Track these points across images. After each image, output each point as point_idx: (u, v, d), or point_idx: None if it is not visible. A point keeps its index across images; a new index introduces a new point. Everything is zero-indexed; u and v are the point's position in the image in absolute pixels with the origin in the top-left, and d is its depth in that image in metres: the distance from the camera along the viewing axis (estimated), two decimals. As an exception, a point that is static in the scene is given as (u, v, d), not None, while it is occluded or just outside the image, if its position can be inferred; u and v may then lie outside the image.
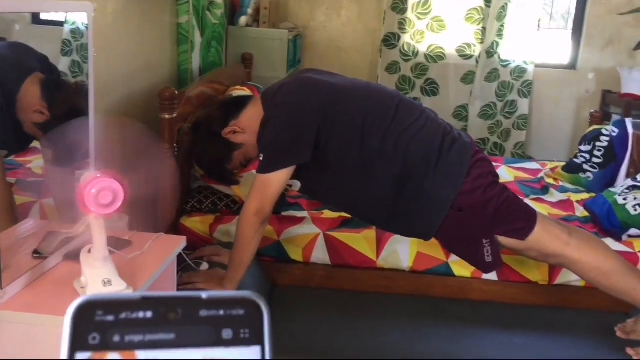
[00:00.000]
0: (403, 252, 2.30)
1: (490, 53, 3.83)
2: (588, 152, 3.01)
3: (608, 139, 2.97)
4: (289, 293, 2.32)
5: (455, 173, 1.89)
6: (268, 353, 0.31)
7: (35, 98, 1.55)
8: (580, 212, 2.63)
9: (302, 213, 2.46)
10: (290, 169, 1.87)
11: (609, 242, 2.27)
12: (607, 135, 2.99)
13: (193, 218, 2.37)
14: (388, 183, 1.90)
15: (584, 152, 3.03)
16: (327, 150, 1.89)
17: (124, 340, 0.30)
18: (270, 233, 2.30)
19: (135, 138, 1.49)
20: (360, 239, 2.32)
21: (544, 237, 1.92)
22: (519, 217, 1.94)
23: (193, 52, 2.86)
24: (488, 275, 2.24)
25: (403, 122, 1.91)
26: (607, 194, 2.56)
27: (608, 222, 2.42)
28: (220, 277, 1.96)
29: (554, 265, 2.19)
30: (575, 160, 3.07)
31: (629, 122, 3.02)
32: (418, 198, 1.90)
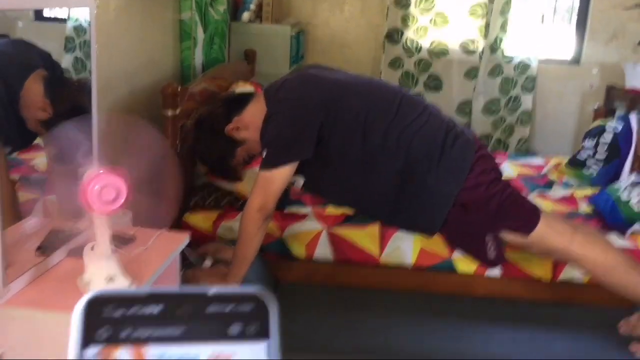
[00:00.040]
0: (406, 248, 2.30)
1: (494, 48, 3.81)
2: (592, 147, 3.00)
3: (612, 135, 2.96)
4: (292, 290, 2.32)
5: (458, 169, 1.89)
6: (275, 348, 0.31)
7: (38, 95, 1.55)
8: (584, 207, 2.63)
9: (305, 209, 2.46)
10: (293, 165, 1.87)
11: (614, 237, 2.26)
12: (611, 131, 2.97)
13: (196, 215, 2.37)
14: (390, 179, 1.90)
15: (588, 147, 3.02)
16: (329, 146, 1.89)
17: (133, 335, 0.30)
18: (273, 229, 2.30)
19: (138, 135, 1.49)
20: (364, 235, 2.31)
21: (548, 233, 1.92)
22: (523, 213, 1.94)
23: (196, 48, 2.86)
24: (491, 272, 2.23)
25: (405, 118, 1.90)
26: (610, 190, 2.55)
27: (612, 218, 2.41)
28: (223, 273, 1.96)
29: (559, 261, 2.19)
30: (579, 156, 3.05)
31: (633, 117, 3.00)
32: (421, 194, 1.90)
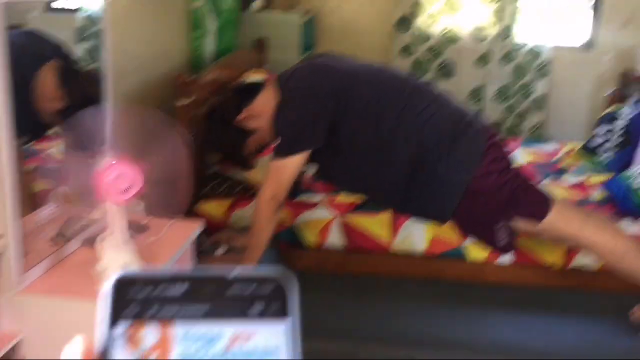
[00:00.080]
0: (418, 235, 2.30)
1: (506, 34, 3.78)
2: (605, 133, 2.98)
3: (626, 121, 2.93)
4: (303, 278, 2.33)
5: (469, 158, 1.89)
6: (296, 327, 0.33)
7: (52, 86, 1.57)
8: (597, 194, 2.61)
9: (317, 197, 2.47)
10: (305, 154, 1.88)
11: (626, 223, 2.25)
12: (624, 117, 2.94)
13: (209, 203, 2.39)
14: (401, 167, 1.90)
15: (601, 133, 2.99)
16: (340, 135, 1.89)
17: (160, 313, 0.32)
18: (284, 218, 2.32)
19: (151, 124, 1.51)
20: (375, 223, 2.32)
21: (560, 220, 1.92)
22: (534, 200, 1.94)
23: (207, 37, 2.87)
24: (503, 259, 2.24)
25: (416, 106, 1.90)
26: (622, 177, 2.53)
27: (624, 204, 2.40)
28: (236, 261, 1.98)
29: (571, 248, 2.18)
30: (593, 142, 3.03)
31: (647, 103, 2.97)
32: (431, 182, 1.90)
